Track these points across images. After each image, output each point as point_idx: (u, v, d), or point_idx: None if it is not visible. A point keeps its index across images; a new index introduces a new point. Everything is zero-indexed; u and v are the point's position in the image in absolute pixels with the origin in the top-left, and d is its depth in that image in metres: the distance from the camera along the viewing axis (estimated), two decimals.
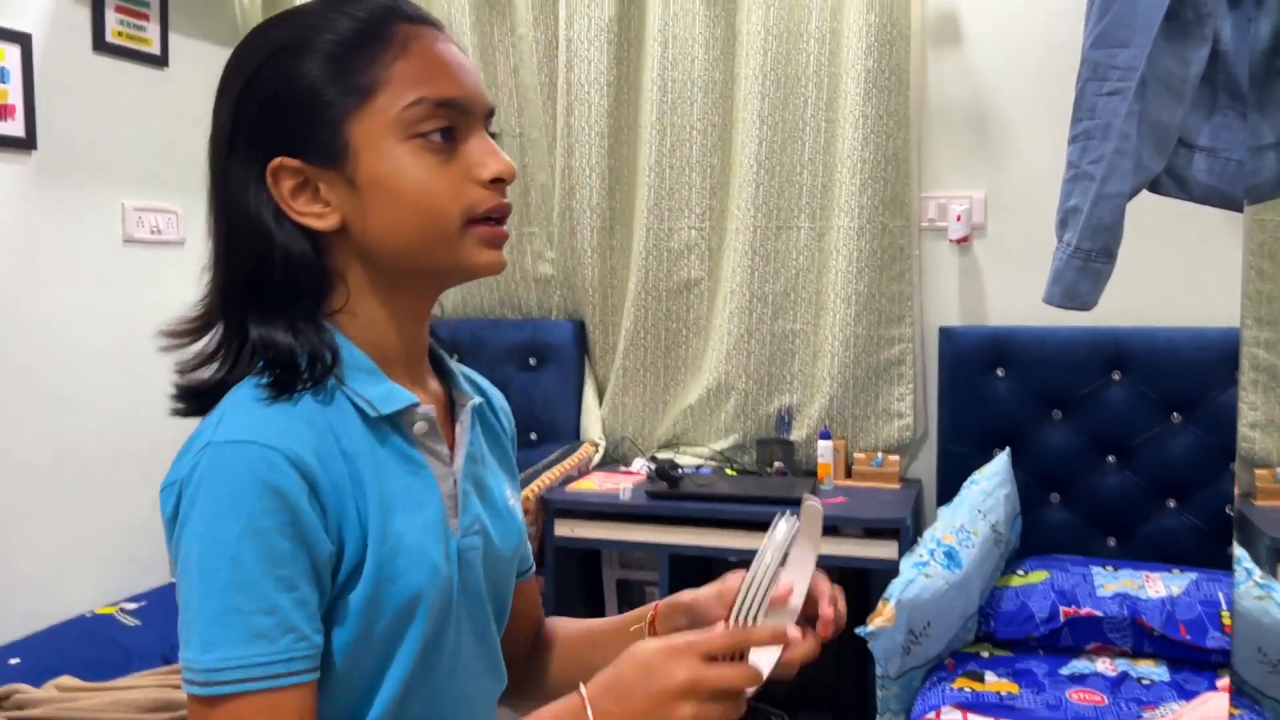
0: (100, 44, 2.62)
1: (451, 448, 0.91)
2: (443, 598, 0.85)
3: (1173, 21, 1.00)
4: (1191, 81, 1.02)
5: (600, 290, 2.96)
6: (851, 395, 2.76)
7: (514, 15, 2.94)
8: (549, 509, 2.55)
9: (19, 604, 2.42)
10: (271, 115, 0.82)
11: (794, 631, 0.86)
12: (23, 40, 2.40)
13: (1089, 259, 1.08)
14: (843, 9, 2.68)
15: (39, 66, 2.45)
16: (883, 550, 2.40)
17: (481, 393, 1.01)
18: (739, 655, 0.82)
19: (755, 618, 0.84)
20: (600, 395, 3.02)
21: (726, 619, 0.85)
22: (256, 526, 0.74)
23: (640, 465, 2.86)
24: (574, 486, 2.65)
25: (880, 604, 2.07)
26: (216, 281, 0.87)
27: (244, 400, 0.81)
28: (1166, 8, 0.98)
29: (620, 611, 2.86)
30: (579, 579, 2.82)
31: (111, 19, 2.64)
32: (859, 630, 2.06)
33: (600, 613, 2.92)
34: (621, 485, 2.59)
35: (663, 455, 2.85)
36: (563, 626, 1.13)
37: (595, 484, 2.68)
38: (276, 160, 0.82)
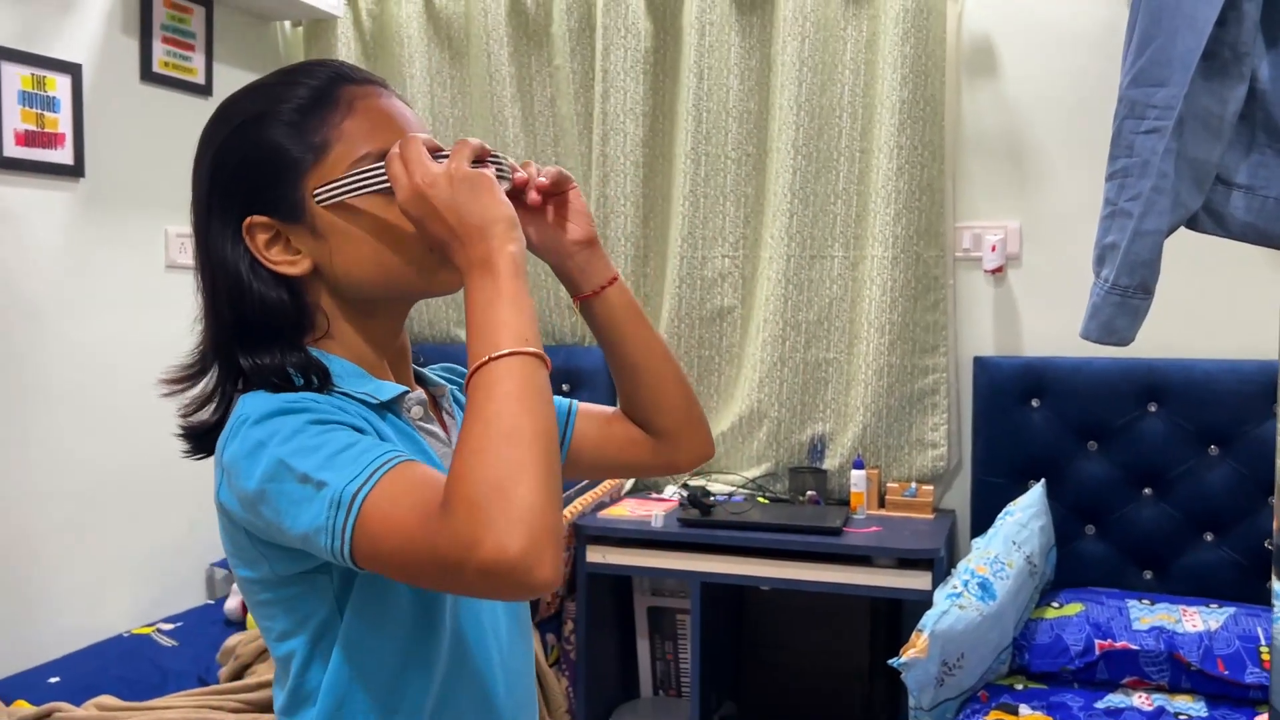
0: (147, 74, 2.68)
1: (445, 429, 1.01)
2: None
3: (1210, 61, 1.01)
4: (1229, 120, 1.03)
5: None
6: (885, 424, 2.75)
7: (551, 46, 2.98)
8: (581, 535, 2.56)
9: (58, 623, 2.45)
10: (241, 178, 0.91)
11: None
12: (73, 70, 2.46)
13: (1126, 295, 1.08)
14: (877, 40, 2.70)
15: (88, 96, 2.51)
16: (916, 581, 2.39)
17: (461, 377, 1.10)
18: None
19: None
20: None
21: None
22: (310, 421, 0.81)
23: (672, 492, 2.87)
24: (606, 513, 2.66)
25: (914, 635, 2.06)
26: (208, 329, 0.95)
27: (254, 397, 0.88)
28: (1204, 47, 0.99)
29: (652, 643, 2.86)
30: (611, 605, 2.83)
31: (159, 49, 2.71)
32: (892, 661, 2.05)
33: (632, 642, 2.92)
34: (653, 512, 2.60)
35: (695, 483, 2.86)
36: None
37: (627, 511, 2.68)
38: (249, 219, 0.91)
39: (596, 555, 2.57)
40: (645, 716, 2.78)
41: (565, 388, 3.01)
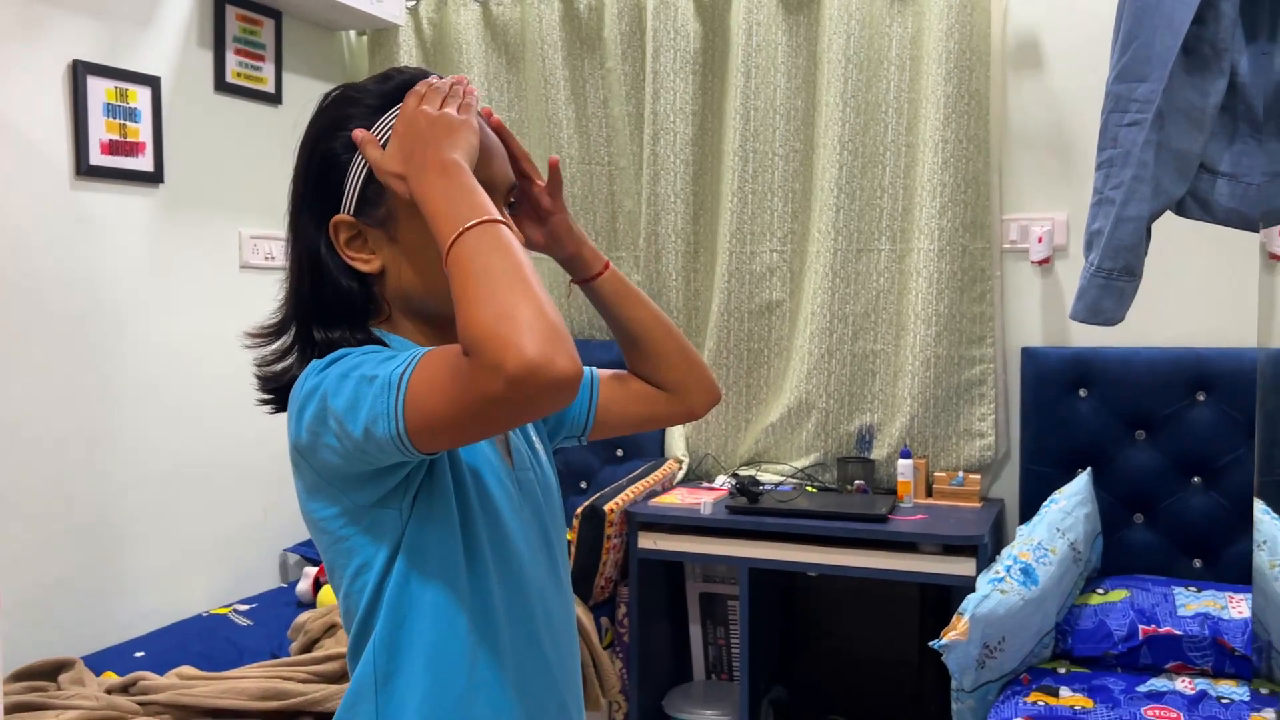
0: (221, 84, 2.83)
1: None
2: (511, 500, 1.03)
3: (1191, 56, 1.06)
4: (1210, 112, 1.07)
5: (685, 312, 3.06)
6: (932, 415, 2.79)
7: (604, 49, 3.07)
8: (632, 522, 2.65)
9: (142, 603, 2.61)
10: (332, 180, 1.01)
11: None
12: (153, 83, 2.61)
13: (1110, 278, 1.13)
14: (922, 35, 2.74)
15: (167, 107, 2.66)
16: (961, 567, 2.44)
17: None
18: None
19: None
20: None
21: None
22: (363, 352, 0.93)
23: (722, 481, 2.94)
24: (657, 501, 2.74)
25: (955, 618, 2.10)
26: (289, 297, 1.05)
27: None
28: (1181, 44, 1.03)
29: (704, 628, 2.94)
30: (664, 591, 2.91)
31: (231, 61, 2.85)
32: (933, 643, 2.10)
33: (685, 627, 3.00)
34: (703, 500, 2.67)
35: (744, 472, 2.93)
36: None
37: (678, 499, 2.76)
38: (336, 217, 1.00)
39: (648, 541, 2.65)
40: (697, 699, 2.86)
41: None
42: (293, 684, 1.94)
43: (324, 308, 1.01)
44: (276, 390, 1.05)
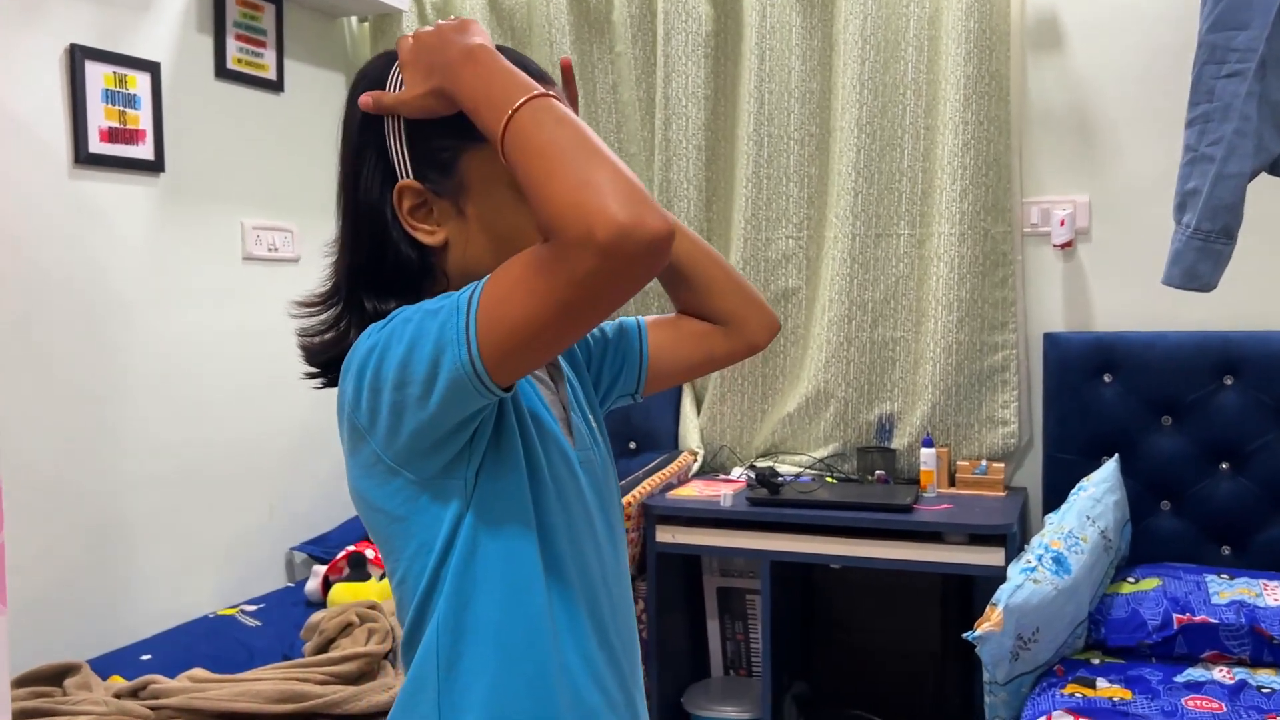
0: (222, 71, 2.76)
1: (558, 385, 1.04)
2: (572, 477, 0.97)
3: None
4: None
5: None
6: (954, 403, 2.74)
7: (613, 33, 3.01)
8: (650, 515, 2.59)
9: (148, 605, 2.54)
10: (401, 140, 0.93)
11: None
12: (152, 69, 2.54)
13: (1209, 240, 1.08)
14: (941, 15, 2.69)
15: (167, 93, 2.59)
16: (989, 557, 2.38)
17: None
18: None
19: None
20: (698, 404, 3.05)
21: None
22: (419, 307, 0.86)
23: (739, 473, 2.89)
24: (674, 494, 2.68)
25: (988, 609, 2.05)
26: (340, 263, 0.98)
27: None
28: None
29: (722, 623, 2.88)
30: (681, 585, 2.85)
31: (232, 47, 2.78)
32: (967, 635, 2.05)
33: (702, 623, 2.94)
34: (722, 492, 2.61)
35: (762, 463, 2.87)
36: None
37: (695, 491, 2.70)
38: (403, 182, 0.93)
39: (666, 535, 2.59)
40: (716, 696, 2.80)
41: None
42: (310, 685, 1.88)
43: (380, 276, 0.95)
44: (324, 364, 0.98)
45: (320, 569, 2.67)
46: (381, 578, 2.61)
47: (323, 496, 3.09)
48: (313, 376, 0.99)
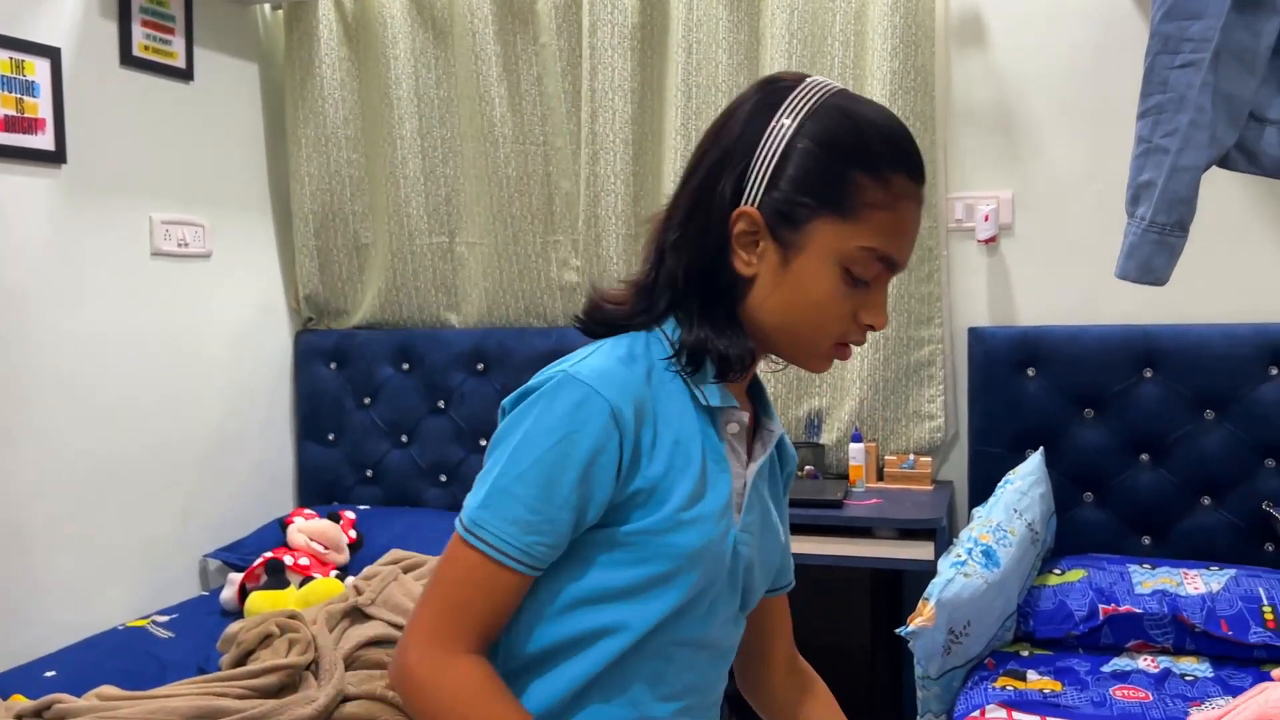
0: (127, 58, 2.64)
1: (749, 456, 1.07)
2: (712, 571, 1.00)
3: None
4: (1263, 54, 1.02)
5: None
6: (882, 398, 2.75)
7: (537, 24, 2.95)
8: None
9: (52, 618, 2.42)
10: (764, 170, 0.96)
11: None
12: (52, 54, 2.41)
13: (1164, 233, 1.07)
14: (866, 11, 2.68)
15: (68, 81, 2.47)
16: (918, 551, 2.39)
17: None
18: None
19: None
20: None
21: None
22: (563, 450, 0.91)
23: None
24: None
25: (920, 604, 2.05)
26: (670, 255, 1.01)
27: (610, 353, 0.97)
28: None
29: None
30: None
31: (138, 33, 2.66)
32: (899, 630, 2.05)
33: None
34: None
35: None
36: (822, 705, 1.28)
37: None
38: (747, 209, 0.96)
39: None
40: None
41: None
42: (228, 700, 1.80)
43: (713, 287, 0.99)
44: (595, 318, 1.04)
45: (236, 576, 2.57)
46: (301, 584, 2.52)
47: (238, 502, 2.98)
48: (581, 324, 1.06)
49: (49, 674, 2.16)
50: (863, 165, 0.94)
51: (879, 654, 2.82)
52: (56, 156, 2.43)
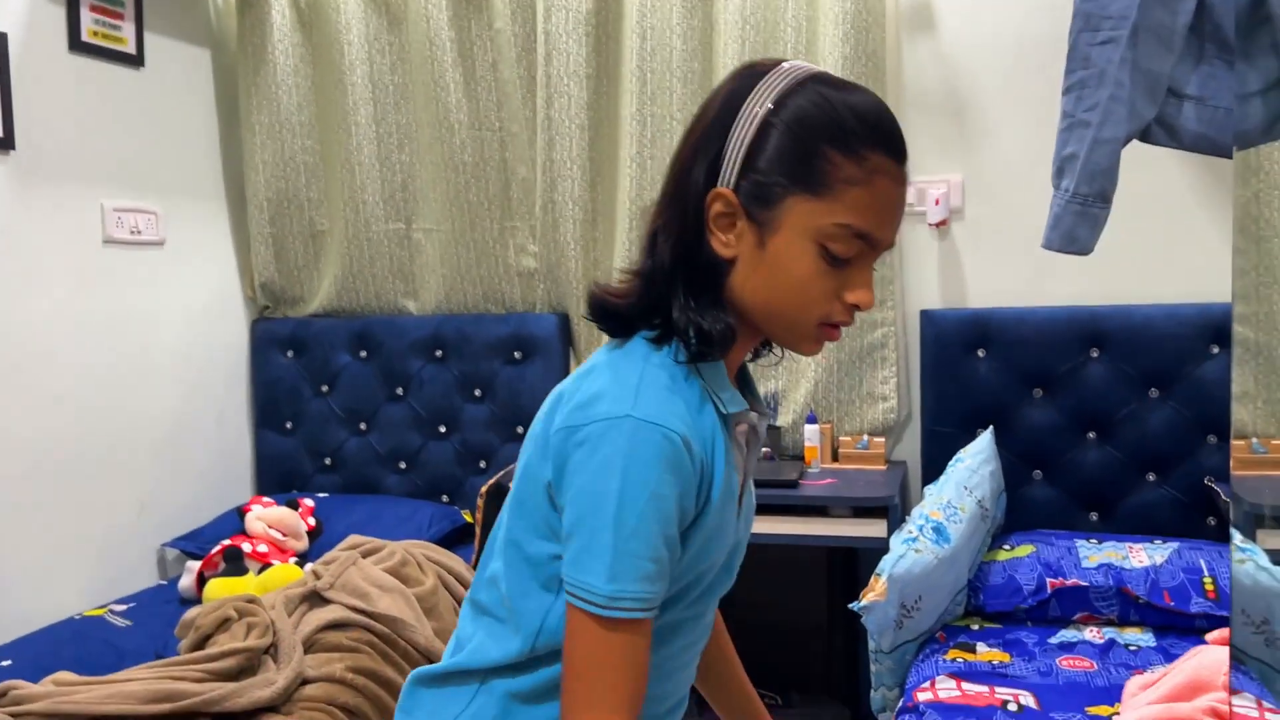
0: (76, 43, 2.61)
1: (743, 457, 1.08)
2: (721, 565, 1.05)
3: None
4: (1180, 31, 1.05)
5: (584, 282, 2.98)
6: (836, 379, 2.79)
7: (491, 10, 2.95)
8: None
9: (7, 608, 2.40)
10: (738, 151, 0.96)
11: None
12: None
13: (1086, 204, 1.11)
14: None
15: (15, 66, 2.44)
16: (872, 529, 2.43)
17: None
18: None
19: None
20: None
21: None
22: (660, 493, 0.92)
23: None
24: None
25: (872, 579, 2.09)
26: (665, 237, 1.00)
27: (652, 381, 0.97)
28: None
29: None
30: None
31: (87, 18, 2.63)
32: (852, 605, 2.09)
33: None
34: None
35: None
36: (729, 669, 1.31)
37: None
38: (721, 189, 0.97)
39: None
40: None
41: (516, 355, 3.00)
42: (185, 684, 1.80)
43: (695, 269, 0.99)
44: (606, 315, 1.04)
45: (194, 565, 2.57)
46: (260, 570, 2.52)
47: (196, 491, 2.97)
48: (594, 320, 1.05)
49: (4, 663, 2.15)
50: (835, 142, 0.93)
51: (835, 630, 2.86)
52: (4, 143, 2.40)
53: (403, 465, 3.11)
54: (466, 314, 3.10)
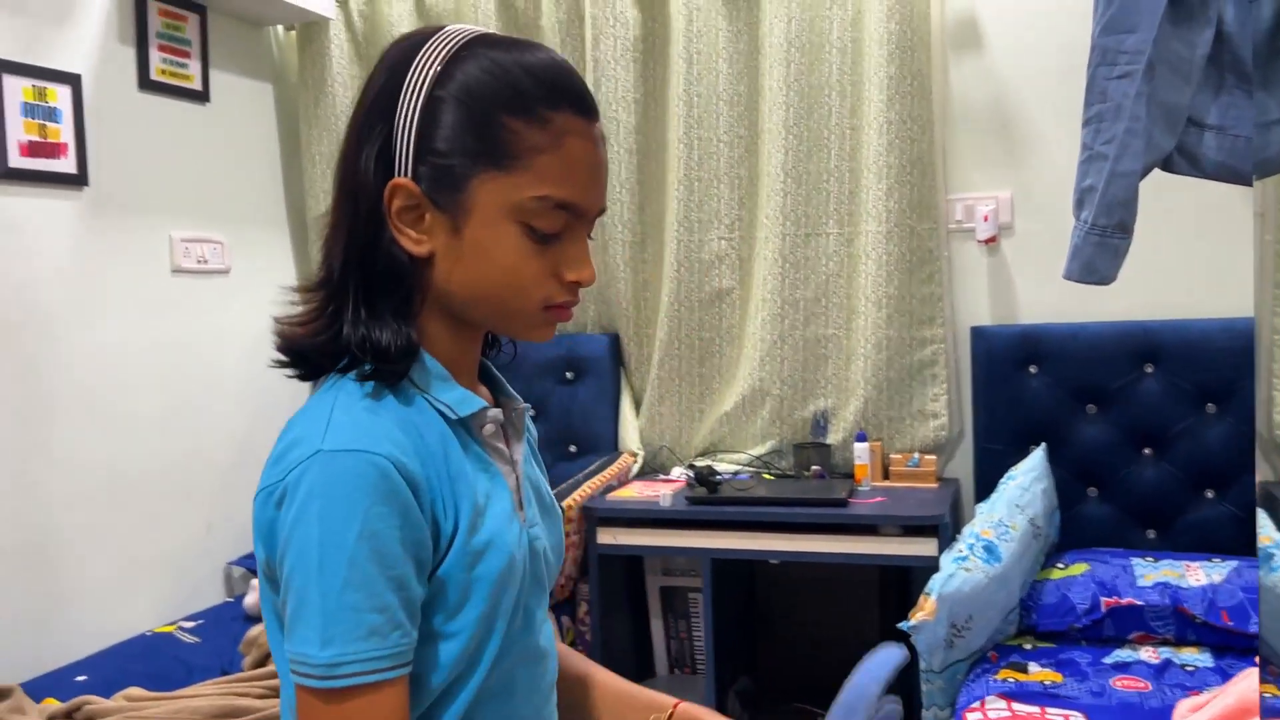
0: (145, 82, 2.72)
1: (509, 446, 0.97)
2: (520, 585, 0.91)
3: (1177, 6, 1.05)
4: (1198, 63, 1.07)
5: (634, 303, 3.02)
6: (886, 397, 2.79)
7: (541, 37, 3.02)
8: (590, 518, 2.60)
9: (82, 625, 2.50)
10: (408, 134, 0.85)
11: None
12: (73, 81, 2.50)
13: (1105, 235, 1.12)
14: (863, 18, 2.73)
15: (88, 105, 2.55)
16: (922, 548, 2.43)
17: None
18: None
19: None
20: (637, 406, 3.07)
21: None
22: (371, 530, 0.79)
23: (679, 473, 2.91)
24: (614, 495, 2.70)
25: (921, 598, 2.09)
26: (334, 245, 0.90)
27: (347, 407, 0.85)
28: None
29: (666, 622, 2.90)
30: (624, 587, 2.87)
31: (155, 58, 2.74)
32: (901, 625, 2.09)
33: (645, 621, 2.96)
34: (661, 492, 2.64)
35: (701, 463, 2.90)
36: (599, 675, 1.14)
37: (635, 492, 2.72)
38: (397, 181, 0.86)
39: (607, 537, 2.61)
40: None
41: (569, 375, 3.05)
42: (249, 700, 1.87)
43: (373, 271, 0.87)
44: (297, 354, 0.90)
45: (258, 583, 2.64)
46: None
47: None
48: (283, 365, 0.91)
49: (80, 678, 2.24)
50: (512, 108, 0.84)
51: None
52: (78, 179, 2.51)
53: None
54: None
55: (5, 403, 2.34)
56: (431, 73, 0.85)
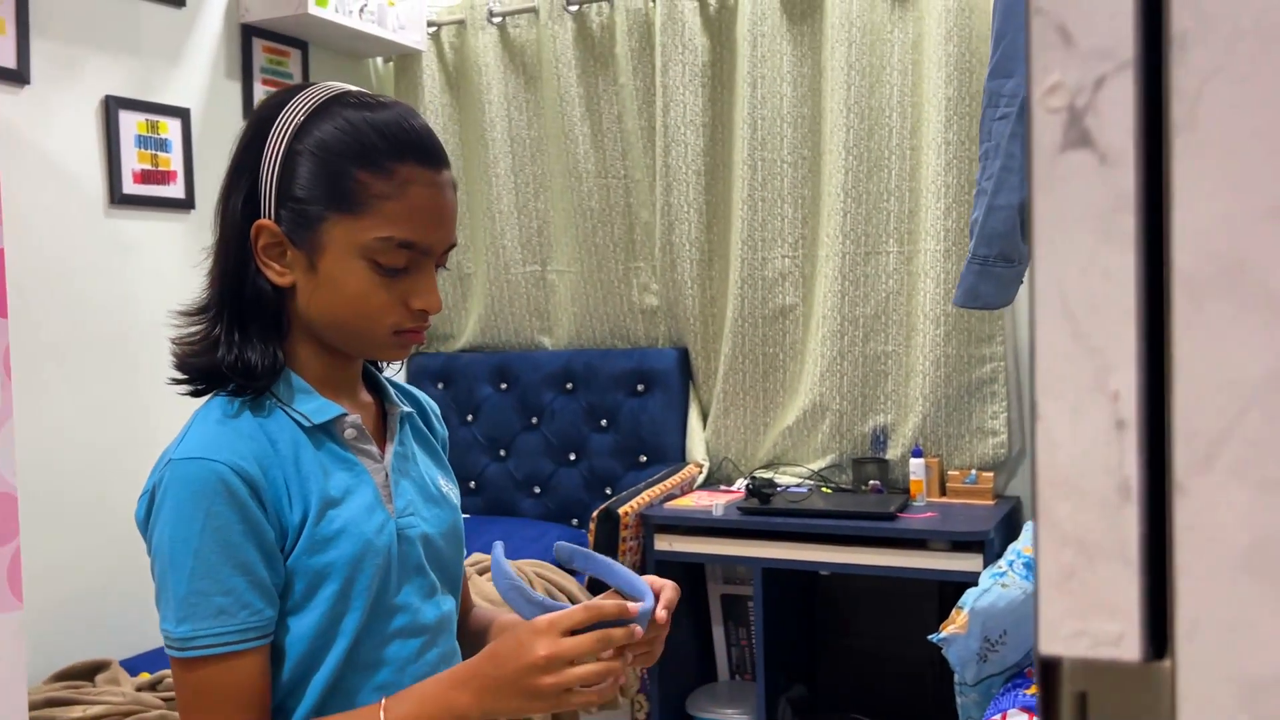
0: (250, 113, 2.96)
1: (383, 447, 1.10)
2: (383, 568, 1.03)
3: None
4: None
5: (701, 319, 3.13)
6: (944, 414, 2.82)
7: (616, 66, 3.16)
8: (648, 524, 2.71)
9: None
10: (271, 181, 0.99)
11: (637, 605, 0.97)
12: (183, 115, 2.76)
13: (986, 264, 1.18)
14: (923, 41, 2.78)
15: (196, 136, 2.81)
16: (968, 563, 2.46)
17: (416, 403, 1.22)
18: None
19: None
20: (704, 418, 3.17)
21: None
22: (213, 527, 0.94)
23: (741, 484, 2.99)
24: (673, 504, 2.80)
25: (954, 612, 2.13)
26: (213, 274, 1.04)
27: (202, 421, 1.01)
28: None
29: (727, 629, 2.99)
30: (686, 593, 2.95)
31: (259, 91, 2.99)
32: (931, 637, 2.13)
33: (708, 628, 3.05)
34: (714, 502, 2.73)
35: (762, 475, 2.97)
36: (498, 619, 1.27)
37: (692, 501, 2.82)
38: (260, 222, 0.99)
39: (664, 543, 2.71)
40: (720, 699, 2.90)
41: (640, 387, 3.17)
42: None
43: (242, 298, 1.01)
44: (191, 373, 1.05)
45: None
46: None
47: None
48: (178, 383, 1.06)
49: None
50: (361, 161, 0.96)
51: (946, 664, 2.87)
52: (187, 204, 2.77)
53: (537, 490, 3.33)
54: (595, 349, 3.30)
55: (118, 403, 2.59)
56: (292, 128, 0.98)
